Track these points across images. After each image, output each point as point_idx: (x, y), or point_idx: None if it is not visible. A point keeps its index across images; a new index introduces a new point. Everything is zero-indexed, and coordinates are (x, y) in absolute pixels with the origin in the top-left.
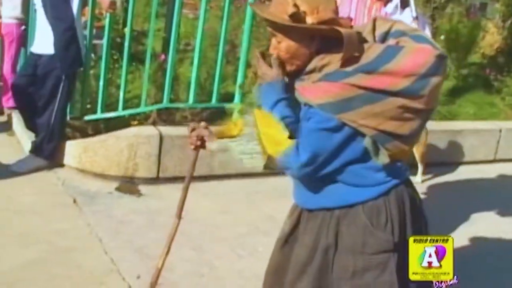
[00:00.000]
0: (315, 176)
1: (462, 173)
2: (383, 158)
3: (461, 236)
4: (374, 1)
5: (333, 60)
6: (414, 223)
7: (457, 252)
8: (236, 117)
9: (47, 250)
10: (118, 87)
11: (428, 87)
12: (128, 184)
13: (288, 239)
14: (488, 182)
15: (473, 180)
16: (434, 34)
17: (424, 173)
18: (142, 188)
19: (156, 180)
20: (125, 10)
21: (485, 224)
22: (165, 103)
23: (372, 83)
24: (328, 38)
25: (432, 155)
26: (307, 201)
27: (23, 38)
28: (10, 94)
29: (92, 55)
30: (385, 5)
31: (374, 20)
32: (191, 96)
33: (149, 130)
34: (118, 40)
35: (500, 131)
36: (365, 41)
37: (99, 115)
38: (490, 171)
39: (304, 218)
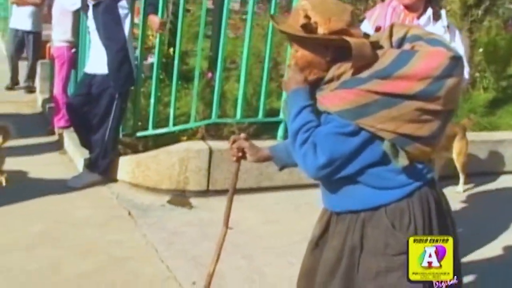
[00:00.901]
0: (332, 178)
1: (503, 182)
2: (403, 161)
3: (501, 243)
4: (407, 13)
5: (349, 68)
6: (440, 224)
7: (497, 259)
8: None
9: (106, 259)
10: (164, 105)
11: (444, 89)
12: (180, 197)
13: (318, 242)
14: None
15: None
16: (472, 47)
17: (465, 182)
18: (193, 200)
19: (206, 193)
20: (170, 31)
21: None
22: (213, 119)
23: (387, 88)
24: (342, 47)
25: (473, 165)
26: (334, 205)
27: (73, 60)
28: (61, 114)
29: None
30: (418, 17)
31: (392, 27)
32: (239, 112)
33: (199, 145)
34: (163, 60)
35: None
36: (381, 47)
37: (150, 131)
38: None
39: (333, 222)
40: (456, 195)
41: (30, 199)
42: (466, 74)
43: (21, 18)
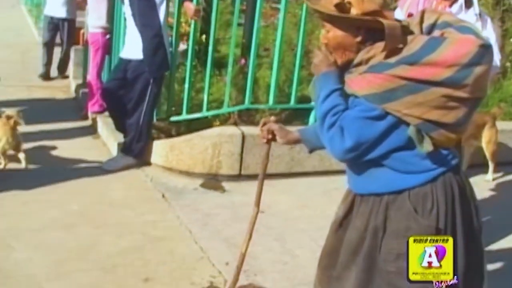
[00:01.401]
0: (359, 160)
1: None
2: (427, 147)
3: None
4: (440, 1)
5: (378, 53)
6: (464, 210)
7: None
8: None
9: (141, 239)
10: (196, 91)
11: (471, 76)
12: (212, 181)
13: (342, 223)
14: None
15: None
16: (504, 37)
17: (495, 171)
18: (226, 184)
19: (238, 177)
20: (202, 18)
21: None
22: (246, 104)
23: (414, 74)
24: (373, 30)
25: (503, 154)
26: (359, 187)
27: (108, 46)
28: (95, 99)
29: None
30: (450, 5)
31: (423, 13)
32: (271, 98)
33: (232, 130)
34: (196, 47)
35: None
36: (411, 33)
37: (184, 116)
38: None
39: (357, 203)
40: (485, 183)
41: (66, 181)
42: (497, 62)
43: (56, 6)
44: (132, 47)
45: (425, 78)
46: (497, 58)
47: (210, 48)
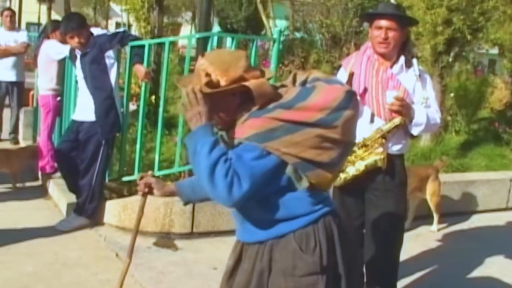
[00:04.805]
0: (250, 200)
1: (476, 221)
2: (305, 184)
3: (476, 277)
4: (382, 62)
5: (254, 106)
6: (343, 249)
7: None
8: None
9: None
10: (147, 151)
11: (341, 119)
12: (165, 239)
13: (232, 273)
14: (501, 229)
15: (487, 227)
16: (443, 92)
17: (439, 222)
18: (178, 242)
19: (190, 235)
20: (151, 79)
21: (498, 267)
22: None
23: (290, 116)
24: (246, 91)
25: (447, 205)
26: (245, 236)
27: (58, 108)
28: (46, 161)
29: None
30: (391, 66)
31: (295, 75)
32: None
33: None
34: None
35: (511, 180)
36: (284, 87)
37: (136, 176)
38: (503, 219)
39: (245, 250)
40: (430, 234)
41: (20, 242)
42: (437, 119)
43: (5, 70)
44: (84, 109)
45: (300, 120)
46: (437, 116)
47: (161, 109)
